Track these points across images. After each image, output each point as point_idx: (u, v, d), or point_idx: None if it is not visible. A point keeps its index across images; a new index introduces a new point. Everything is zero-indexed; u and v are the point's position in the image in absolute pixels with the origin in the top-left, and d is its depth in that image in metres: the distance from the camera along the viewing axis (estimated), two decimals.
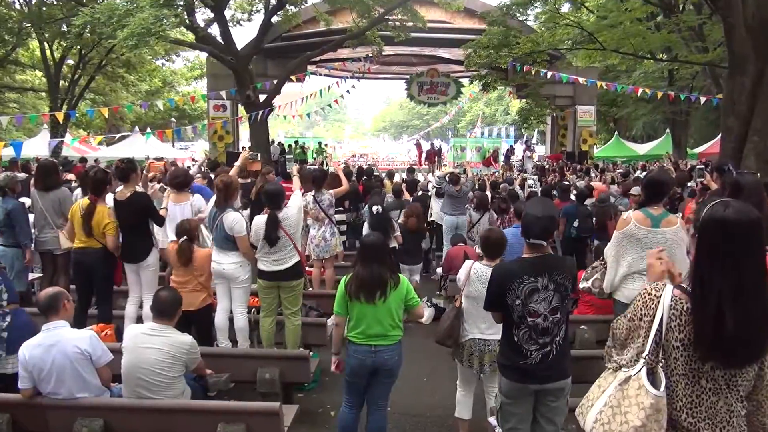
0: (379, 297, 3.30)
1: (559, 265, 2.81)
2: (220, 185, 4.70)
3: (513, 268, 2.82)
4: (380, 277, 3.32)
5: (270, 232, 4.50)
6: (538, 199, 3.06)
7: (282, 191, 4.74)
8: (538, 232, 2.75)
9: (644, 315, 1.83)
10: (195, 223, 4.84)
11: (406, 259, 6.72)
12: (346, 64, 20.41)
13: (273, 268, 4.60)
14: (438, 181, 8.41)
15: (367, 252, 3.41)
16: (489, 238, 3.74)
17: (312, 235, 6.50)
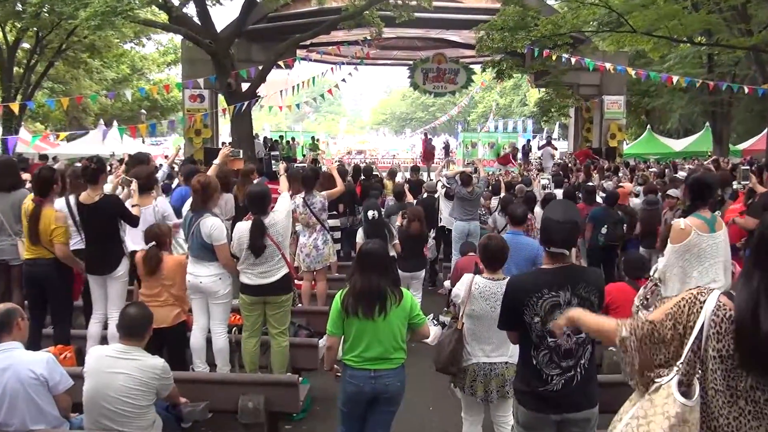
0: (378, 312, 3.30)
1: (583, 278, 2.80)
2: (197, 186, 4.71)
3: (531, 280, 2.83)
4: (380, 289, 3.32)
5: (255, 240, 4.51)
6: (559, 202, 3.07)
7: (268, 193, 4.76)
8: (560, 240, 2.75)
9: (686, 321, 1.85)
10: (166, 228, 4.85)
11: (406, 266, 6.75)
12: (340, 49, 20.48)
13: (258, 281, 4.60)
14: (447, 182, 8.43)
15: (365, 260, 3.41)
16: (488, 246, 3.75)
17: (302, 244, 6.50)
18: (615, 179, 11.23)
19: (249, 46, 17.74)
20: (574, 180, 11.54)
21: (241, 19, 14.91)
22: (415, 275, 6.94)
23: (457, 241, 7.97)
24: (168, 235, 4.83)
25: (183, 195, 6.11)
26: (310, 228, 6.47)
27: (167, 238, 4.81)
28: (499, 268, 3.73)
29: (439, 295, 8.06)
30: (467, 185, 8.05)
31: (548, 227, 2.78)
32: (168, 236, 4.83)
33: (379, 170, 12.35)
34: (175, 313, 4.60)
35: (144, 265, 4.58)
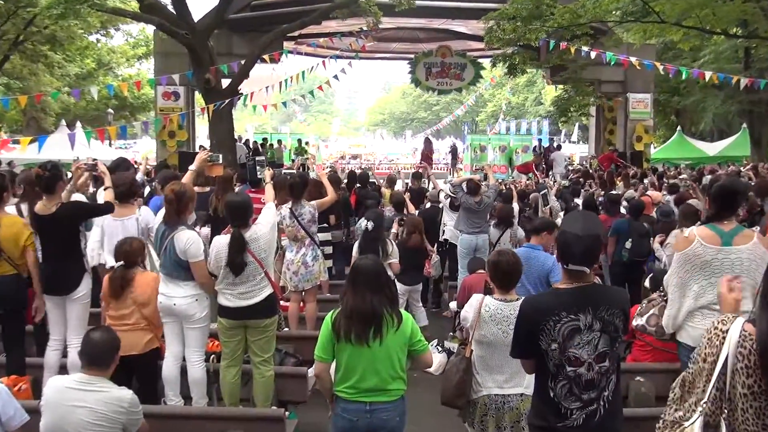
0: (373, 336, 3.30)
1: (606, 298, 2.80)
2: (171, 196, 4.71)
3: (547, 302, 2.82)
4: (375, 310, 3.32)
5: (234, 256, 4.51)
6: (578, 213, 3.08)
7: (249, 203, 4.77)
8: (580, 256, 2.75)
9: (708, 355, 1.84)
10: (138, 244, 4.84)
11: (405, 279, 6.87)
12: (333, 41, 20.55)
13: (238, 303, 4.59)
14: (453, 190, 8.44)
15: (360, 277, 3.42)
16: (499, 263, 3.76)
17: (289, 260, 6.50)
18: (641, 187, 11.25)
19: (230, 37, 17.81)
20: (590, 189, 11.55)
21: (221, 8, 14.97)
22: (416, 288, 7.20)
23: (464, 256, 7.97)
24: (141, 252, 4.83)
25: (159, 205, 6.12)
26: (298, 242, 6.47)
27: (139, 255, 4.81)
28: (512, 288, 3.72)
29: (444, 318, 8.04)
30: (475, 194, 8.07)
31: (566, 242, 2.78)
32: (140, 254, 4.83)
33: (377, 177, 12.39)
34: (146, 339, 4.59)
35: (109, 287, 4.58)
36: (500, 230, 7.84)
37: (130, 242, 4.80)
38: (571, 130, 42.46)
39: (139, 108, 31.93)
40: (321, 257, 6.64)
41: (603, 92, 20.00)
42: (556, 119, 22.73)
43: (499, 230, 7.85)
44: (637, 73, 18.40)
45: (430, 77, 22.23)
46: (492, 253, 4.09)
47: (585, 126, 34.11)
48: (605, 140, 21.27)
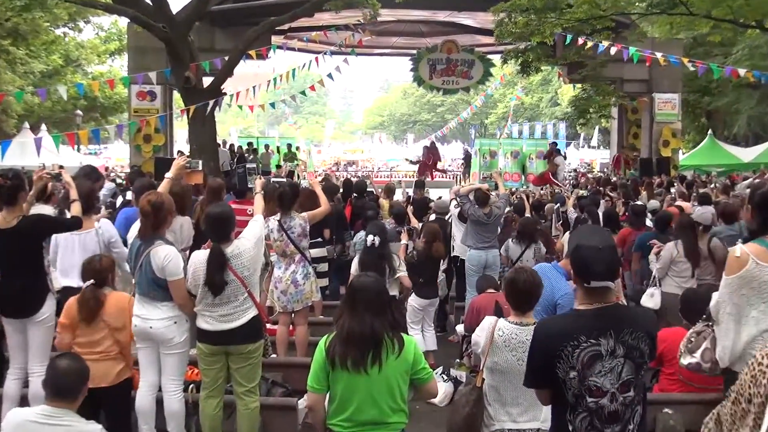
0: (372, 362, 3.29)
1: (630, 320, 2.80)
2: (147, 208, 4.71)
3: (565, 325, 2.82)
4: (374, 333, 3.32)
5: (213, 274, 4.51)
6: (587, 228, 3.08)
7: (230, 215, 4.75)
8: (603, 270, 2.75)
9: (754, 395, 1.82)
10: (109, 261, 4.84)
11: (425, 292, 7.13)
12: (327, 35, 20.66)
13: (219, 326, 4.59)
14: (460, 201, 8.44)
15: (357, 296, 3.41)
16: (516, 281, 3.75)
17: (277, 278, 6.49)
18: (668, 197, 11.28)
19: (212, 31, 17.91)
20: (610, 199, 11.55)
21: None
22: (433, 302, 7.36)
23: (472, 274, 7.96)
24: (111, 270, 4.82)
25: (129, 217, 6.11)
26: (288, 258, 6.46)
27: (110, 274, 4.79)
28: (529, 310, 3.72)
29: (450, 343, 8.02)
30: (484, 205, 8.07)
31: (585, 257, 2.78)
32: (111, 271, 4.82)
33: (375, 186, 12.39)
34: (118, 369, 4.57)
35: (79, 310, 4.55)
36: (522, 246, 7.79)
37: (99, 259, 4.79)
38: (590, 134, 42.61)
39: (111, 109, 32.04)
40: (313, 275, 6.63)
41: (626, 92, 20.07)
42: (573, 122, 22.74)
43: (520, 246, 7.80)
44: (664, 70, 18.50)
45: (435, 75, 22.31)
46: (510, 270, 4.08)
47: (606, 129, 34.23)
48: (628, 145, 21.34)
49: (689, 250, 6.87)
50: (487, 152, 24.10)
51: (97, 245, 5.51)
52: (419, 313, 7.17)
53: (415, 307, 7.17)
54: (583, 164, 37.13)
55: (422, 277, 7.08)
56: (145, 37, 15.92)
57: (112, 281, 4.86)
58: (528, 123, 50.38)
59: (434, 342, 7.32)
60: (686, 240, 6.92)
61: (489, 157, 23.94)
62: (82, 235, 5.53)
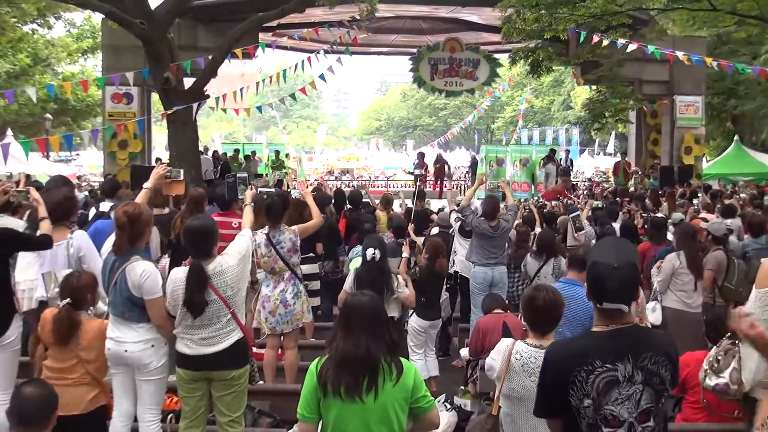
0: (367, 388, 3.28)
1: (650, 344, 2.81)
2: (123, 219, 4.71)
3: (578, 348, 2.83)
4: (370, 356, 3.31)
5: (192, 293, 4.50)
6: (609, 241, 3.08)
7: (211, 228, 4.74)
8: (616, 291, 2.76)
9: None
10: (90, 279, 4.83)
11: (428, 313, 7.11)
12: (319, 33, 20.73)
13: (200, 350, 4.58)
14: (463, 213, 8.44)
15: (352, 316, 3.42)
16: (536, 299, 3.77)
17: (264, 297, 6.49)
18: (691, 209, 11.31)
19: (195, 28, 17.97)
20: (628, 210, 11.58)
21: None
22: (436, 324, 7.36)
23: (477, 293, 7.96)
24: (91, 289, 4.79)
25: (101, 230, 6.11)
26: (276, 276, 6.47)
27: (89, 293, 4.78)
28: (549, 332, 3.74)
29: (453, 369, 8.01)
30: (491, 217, 8.08)
31: (599, 275, 2.80)
32: (91, 290, 4.79)
33: (371, 197, 12.41)
34: (91, 396, 4.55)
35: (54, 331, 4.54)
36: (540, 260, 7.80)
37: (79, 276, 4.78)
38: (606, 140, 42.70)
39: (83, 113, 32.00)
40: (304, 294, 6.62)
41: (644, 94, 20.12)
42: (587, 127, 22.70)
43: (538, 260, 7.80)
44: (686, 70, 18.60)
45: (436, 76, 22.40)
46: (528, 288, 4.08)
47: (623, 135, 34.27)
48: (647, 152, 21.36)
49: (692, 260, 6.91)
50: (494, 159, 24.13)
51: (66, 260, 5.49)
52: (421, 335, 7.17)
53: (417, 330, 7.16)
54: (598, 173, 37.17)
55: (424, 296, 7.07)
56: (120, 34, 15.95)
57: (92, 302, 4.84)
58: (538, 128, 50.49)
59: (436, 367, 7.31)
60: (688, 250, 6.96)
61: (495, 164, 23.99)
62: (53, 248, 5.50)
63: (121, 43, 16.92)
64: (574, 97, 48.35)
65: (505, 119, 60.84)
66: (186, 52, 16.11)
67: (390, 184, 27.47)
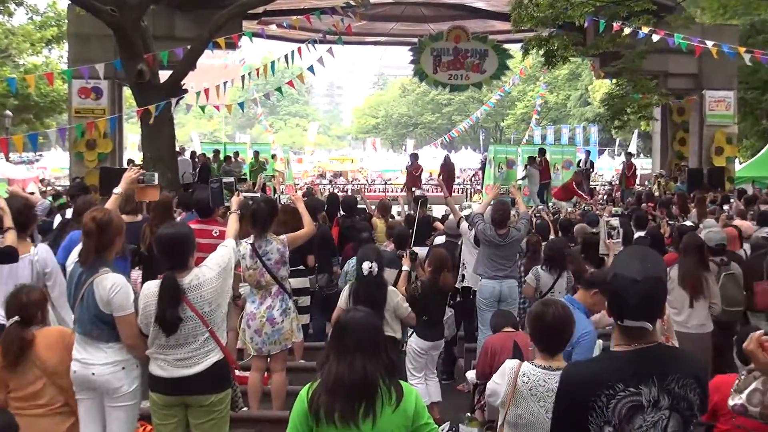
0: (364, 414, 3.28)
1: (677, 365, 2.81)
2: (91, 226, 4.70)
3: (598, 370, 2.83)
4: (367, 379, 3.30)
5: (164, 308, 4.49)
6: (633, 251, 3.08)
7: (186, 237, 4.73)
8: (638, 307, 2.76)
9: None
10: (38, 295, 4.82)
11: (430, 333, 7.08)
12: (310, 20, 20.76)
13: (175, 372, 4.57)
14: (473, 219, 8.42)
15: (346, 336, 3.41)
16: (544, 316, 3.78)
17: (250, 314, 6.48)
18: (722, 215, 11.32)
19: (171, 15, 17.97)
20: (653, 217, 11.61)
21: None
22: (438, 345, 7.38)
23: (485, 309, 7.94)
24: (41, 306, 4.78)
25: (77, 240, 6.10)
26: (263, 290, 6.46)
27: (39, 310, 4.76)
28: (559, 351, 3.74)
29: (458, 393, 8.00)
30: (500, 225, 8.07)
31: (620, 289, 2.80)
32: (42, 306, 4.78)
33: (367, 202, 12.40)
34: (66, 426, 4.56)
35: (3, 354, 4.53)
36: (553, 274, 7.76)
37: (28, 291, 4.75)
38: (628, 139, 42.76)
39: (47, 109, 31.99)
40: (293, 311, 6.62)
41: (670, 88, 20.14)
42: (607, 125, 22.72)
43: (551, 274, 7.77)
44: (716, 63, 18.57)
45: (440, 68, 22.41)
46: (535, 303, 4.08)
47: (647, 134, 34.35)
48: (674, 152, 21.39)
49: (686, 276, 6.92)
50: (504, 161, 24.11)
51: (29, 274, 5.48)
52: (421, 358, 7.15)
53: (417, 351, 7.14)
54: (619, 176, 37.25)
55: (426, 314, 7.04)
56: (89, 22, 15.98)
57: (43, 318, 4.82)
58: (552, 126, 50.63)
59: (439, 392, 7.29)
60: (683, 263, 6.99)
61: (505, 166, 23.95)
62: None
63: (90, 31, 16.93)
64: (592, 92, 48.48)
65: (516, 116, 60.99)
66: (162, 42, 16.10)
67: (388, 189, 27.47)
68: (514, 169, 23.98)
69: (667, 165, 21.38)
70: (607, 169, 39.91)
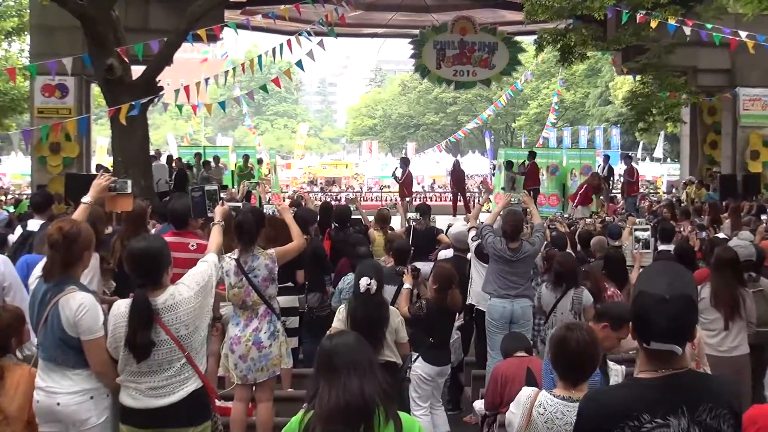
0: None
1: (708, 393, 2.82)
2: (57, 238, 4.69)
3: (622, 399, 2.84)
4: (364, 398, 3.30)
5: (134, 332, 4.48)
6: (661, 267, 3.09)
7: (160, 251, 4.72)
8: (666, 327, 2.77)
9: None
10: (11, 314, 4.82)
11: (435, 357, 7.05)
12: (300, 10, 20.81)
13: (148, 402, 4.56)
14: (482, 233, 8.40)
15: (335, 360, 3.40)
16: (567, 341, 3.79)
17: (234, 337, 6.47)
18: (761, 227, 11.33)
19: (145, 5, 18.05)
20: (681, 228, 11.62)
21: None
22: (444, 371, 7.37)
23: (495, 332, 7.93)
24: (17, 328, 4.79)
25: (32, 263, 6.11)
26: (248, 311, 6.45)
27: (14, 333, 4.76)
28: (582, 381, 3.75)
29: (466, 425, 8.00)
30: (512, 239, 8.07)
31: (645, 309, 2.81)
32: (16, 329, 4.79)
33: (363, 212, 12.39)
34: None
35: None
36: (557, 292, 7.77)
37: (0, 312, 4.78)
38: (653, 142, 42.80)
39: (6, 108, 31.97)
40: (282, 334, 6.60)
41: (700, 86, 20.19)
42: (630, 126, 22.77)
43: (555, 292, 7.78)
44: (751, 57, 18.57)
45: (444, 63, 22.45)
46: (558, 327, 4.07)
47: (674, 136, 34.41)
48: (704, 157, 21.41)
49: (718, 295, 6.92)
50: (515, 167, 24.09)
51: None
52: (428, 385, 7.11)
53: (423, 378, 7.09)
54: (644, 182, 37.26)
55: (432, 336, 7.04)
56: (53, 12, 15.98)
57: (18, 345, 4.81)
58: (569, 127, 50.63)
59: (446, 423, 7.30)
60: (715, 281, 6.99)
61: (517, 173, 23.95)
62: None
63: (55, 23, 17.00)
64: (613, 90, 48.57)
65: (528, 117, 60.97)
66: (135, 34, 16.12)
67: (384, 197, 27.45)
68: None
69: (697, 171, 21.39)
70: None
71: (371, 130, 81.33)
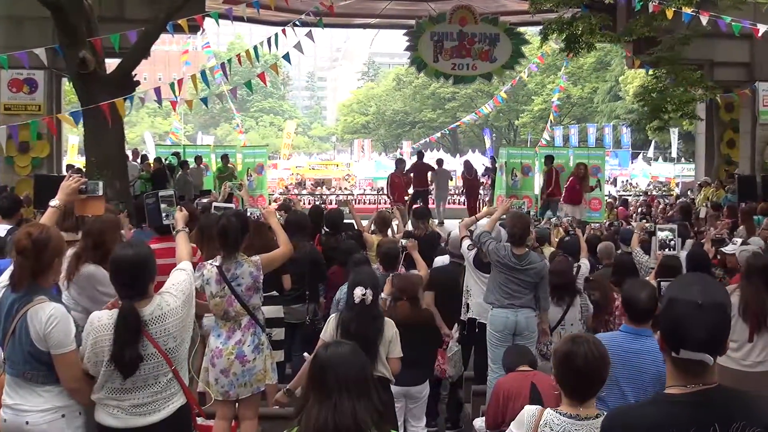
0: None
1: (743, 411, 2.81)
2: (26, 244, 4.67)
3: (650, 417, 2.82)
4: (357, 424, 3.30)
5: (123, 345, 4.48)
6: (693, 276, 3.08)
7: (146, 259, 4.73)
8: (700, 336, 2.76)
9: None
10: None
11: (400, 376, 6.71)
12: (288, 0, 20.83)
13: (131, 421, 4.57)
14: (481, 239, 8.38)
15: (329, 374, 3.40)
16: (574, 356, 3.79)
17: (215, 351, 6.46)
18: None
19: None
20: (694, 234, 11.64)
21: None
22: (415, 393, 7.17)
23: (497, 344, 7.91)
24: None
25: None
26: (231, 322, 6.44)
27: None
28: (590, 397, 3.74)
29: None
30: (519, 243, 8.04)
31: (679, 315, 2.80)
32: None
33: (356, 216, 12.37)
34: None
35: None
36: (561, 305, 7.74)
37: None
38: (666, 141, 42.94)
39: None
40: (267, 347, 6.61)
41: (717, 81, 20.19)
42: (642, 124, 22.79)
43: (559, 306, 7.75)
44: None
45: (442, 56, 22.49)
46: (563, 340, 4.06)
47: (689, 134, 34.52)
48: (721, 157, 21.46)
49: (749, 304, 6.92)
50: (518, 167, 24.05)
51: None
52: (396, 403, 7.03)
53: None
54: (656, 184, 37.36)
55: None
56: (22, 2, 16.01)
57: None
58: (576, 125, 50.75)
59: None
60: (747, 291, 6.99)
61: (520, 173, 23.91)
62: None
63: (23, 13, 17.03)
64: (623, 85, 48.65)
65: (533, 113, 61.02)
66: (110, 25, 16.15)
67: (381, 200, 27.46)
68: (530, 176, 23.92)
69: (713, 171, 21.43)
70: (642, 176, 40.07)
71: (364, 128, 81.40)
